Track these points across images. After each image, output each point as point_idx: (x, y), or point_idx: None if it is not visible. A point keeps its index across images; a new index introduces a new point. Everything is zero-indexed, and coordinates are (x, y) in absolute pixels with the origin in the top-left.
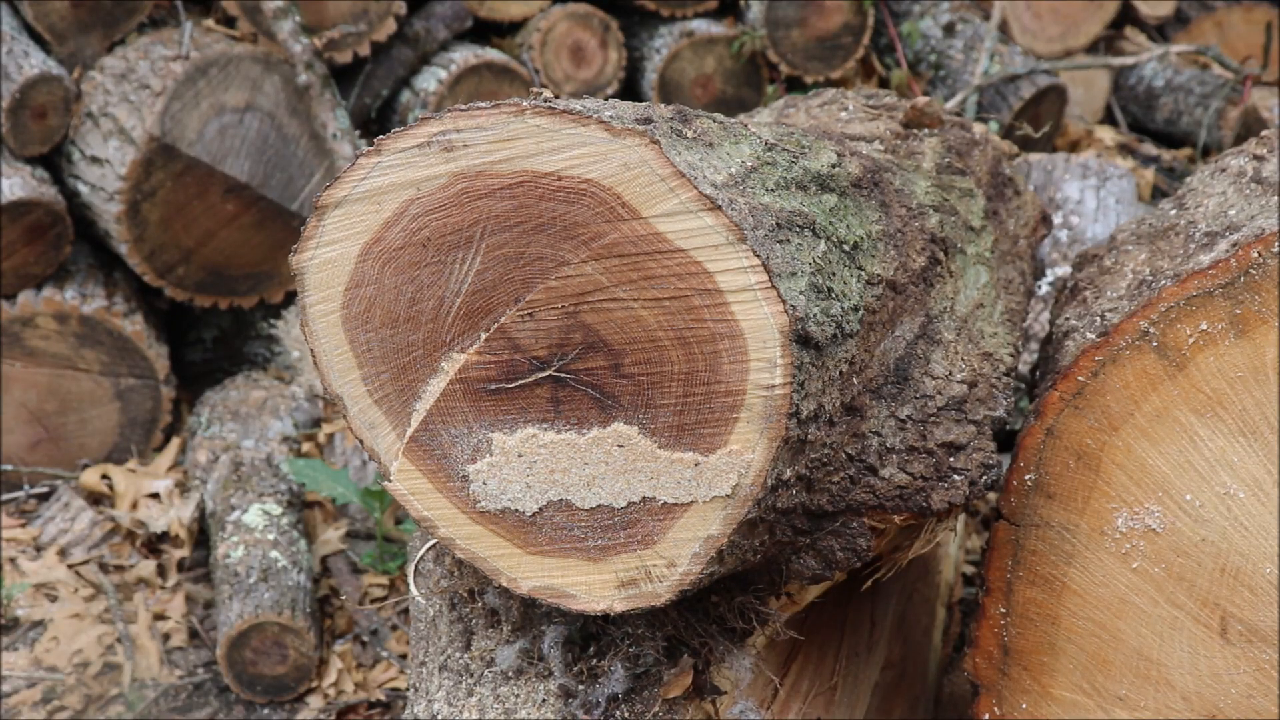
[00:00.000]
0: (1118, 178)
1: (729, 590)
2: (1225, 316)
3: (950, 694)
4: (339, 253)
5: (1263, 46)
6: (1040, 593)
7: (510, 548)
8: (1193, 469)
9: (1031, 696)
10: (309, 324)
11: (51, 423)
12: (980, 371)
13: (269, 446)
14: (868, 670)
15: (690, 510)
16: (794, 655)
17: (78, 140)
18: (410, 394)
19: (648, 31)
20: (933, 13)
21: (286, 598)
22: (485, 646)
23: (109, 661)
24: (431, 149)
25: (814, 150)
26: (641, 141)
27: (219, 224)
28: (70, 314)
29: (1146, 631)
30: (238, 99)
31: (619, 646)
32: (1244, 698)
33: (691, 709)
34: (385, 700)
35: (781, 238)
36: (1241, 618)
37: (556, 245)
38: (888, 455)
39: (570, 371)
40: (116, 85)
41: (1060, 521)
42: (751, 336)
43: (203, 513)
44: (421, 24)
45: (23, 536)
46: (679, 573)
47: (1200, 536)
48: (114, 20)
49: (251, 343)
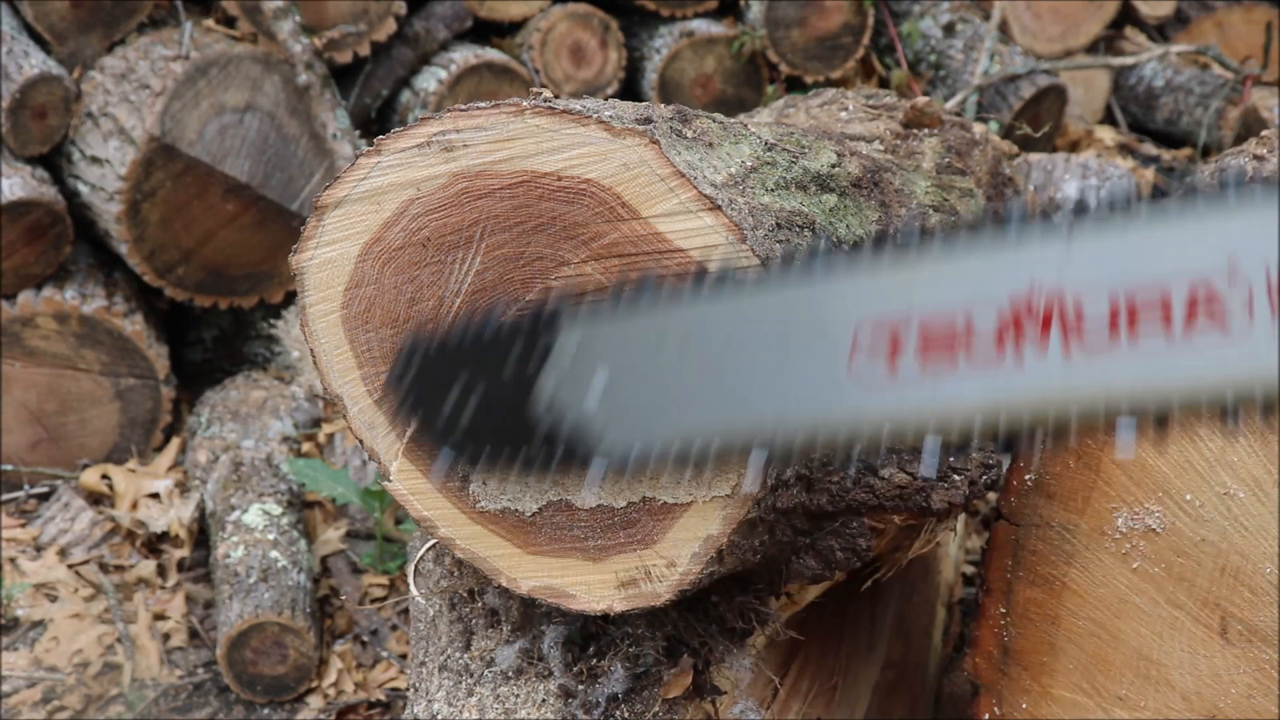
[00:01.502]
0: (1118, 178)
1: (729, 590)
2: None
3: (950, 694)
4: (339, 253)
5: (1263, 46)
6: (1040, 593)
7: (510, 548)
8: (1193, 469)
9: (1031, 696)
10: (309, 324)
11: (51, 423)
12: None
13: (269, 446)
14: (868, 670)
15: (690, 510)
16: (794, 655)
17: (78, 140)
18: None
19: (648, 31)
20: (933, 13)
21: (286, 598)
22: (485, 646)
23: (109, 661)
24: (431, 149)
25: (814, 150)
26: (641, 141)
27: (219, 224)
28: (70, 314)
29: (1146, 631)
30: (238, 99)
31: (619, 646)
32: (1244, 698)
33: (691, 709)
34: (385, 700)
35: (781, 238)
36: (1241, 618)
37: (556, 245)
38: (887, 455)
39: None
40: (116, 85)
41: (1060, 521)
42: None
43: (203, 513)
44: (421, 24)
45: (23, 536)
46: (679, 573)
47: (1200, 536)
48: (114, 20)
49: (251, 343)
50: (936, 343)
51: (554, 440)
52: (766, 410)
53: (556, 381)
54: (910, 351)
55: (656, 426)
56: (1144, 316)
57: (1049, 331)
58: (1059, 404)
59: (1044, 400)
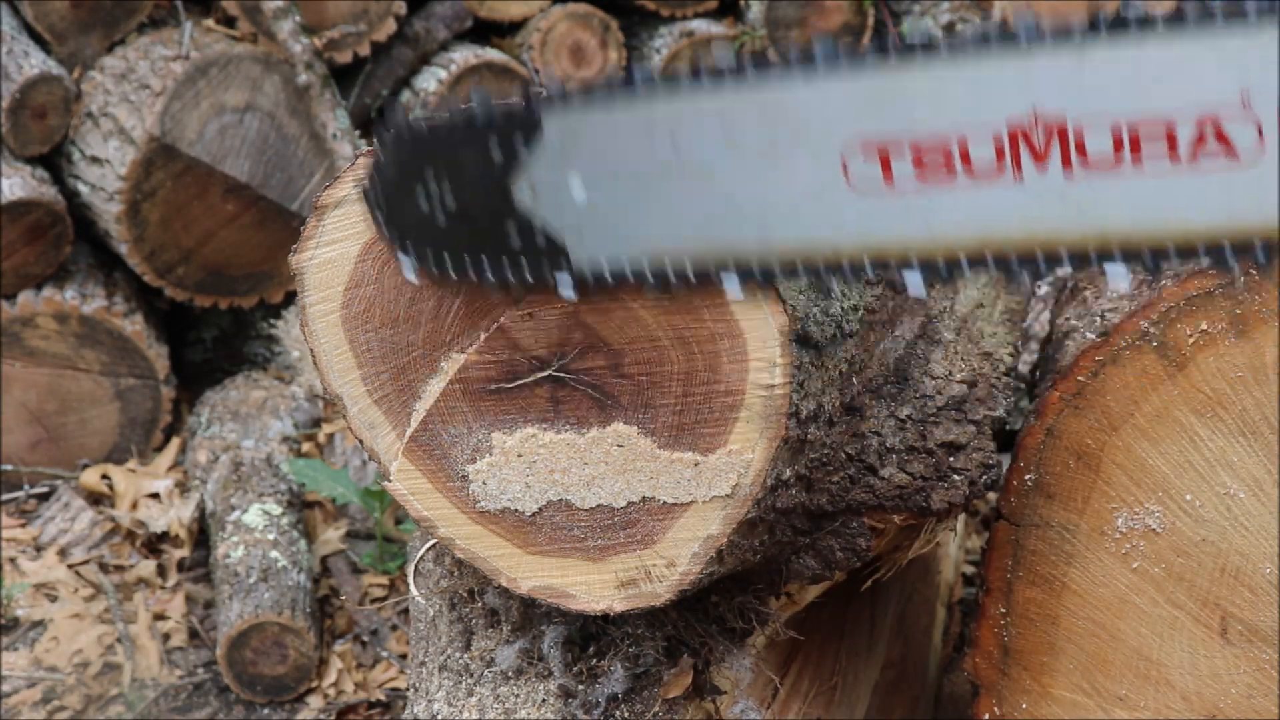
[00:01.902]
0: None
1: (729, 590)
2: (1225, 316)
3: (950, 694)
4: (339, 253)
5: None
6: (1040, 593)
7: (510, 548)
8: (1193, 469)
9: (1031, 696)
10: (309, 324)
11: (51, 423)
12: (980, 371)
13: (269, 446)
14: (868, 670)
15: (690, 510)
16: (794, 655)
17: (78, 140)
18: (410, 394)
19: (648, 31)
20: (933, 13)
21: (286, 598)
22: (485, 646)
23: (109, 661)
24: None
25: None
26: None
27: (219, 224)
28: (70, 314)
29: (1146, 631)
30: (238, 99)
31: (619, 646)
32: (1244, 698)
33: (691, 709)
34: (385, 700)
35: None
36: (1241, 618)
37: None
38: (887, 455)
39: (570, 371)
40: (116, 85)
41: (1060, 521)
42: (751, 336)
43: (203, 513)
44: (421, 24)
45: (23, 536)
46: (679, 572)
47: (1200, 536)
48: (114, 20)
49: (251, 343)
50: (934, 153)
51: (528, 246)
52: (751, 219)
53: (533, 180)
54: (905, 162)
55: (634, 234)
56: (1149, 141)
57: (1051, 148)
58: (1056, 228)
59: (1041, 222)
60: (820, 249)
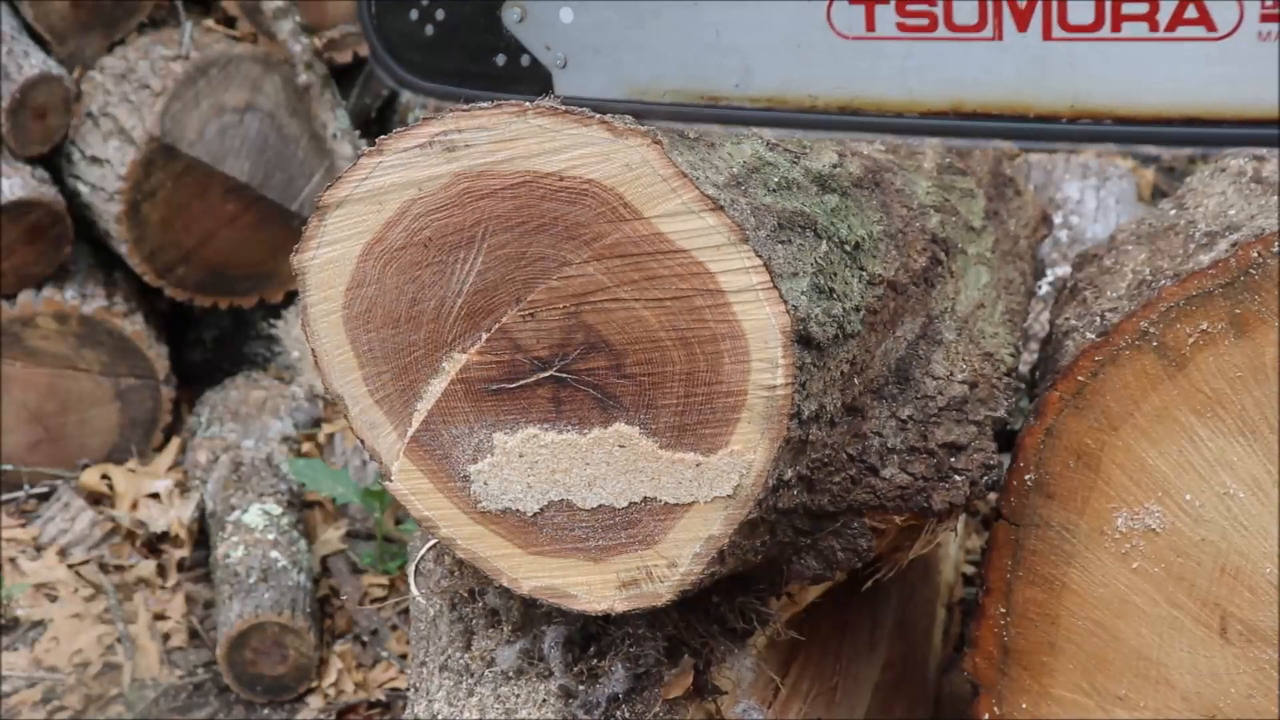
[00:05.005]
0: (1118, 178)
1: (730, 590)
2: (1225, 316)
3: (950, 694)
4: (340, 252)
5: None
6: (1040, 593)
7: (511, 548)
8: (1192, 469)
9: (1031, 696)
10: (310, 324)
11: (51, 423)
12: (981, 372)
13: (269, 446)
14: (868, 670)
15: (691, 510)
16: (795, 655)
17: (78, 140)
18: (411, 394)
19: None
20: None
21: (286, 598)
22: (485, 646)
23: (109, 661)
24: (433, 149)
25: (815, 150)
26: (644, 142)
27: (219, 224)
28: (70, 314)
29: (1146, 631)
30: (238, 99)
31: (619, 647)
32: (1244, 698)
33: (692, 709)
34: (385, 700)
35: (783, 238)
36: (1241, 618)
37: (558, 245)
38: (889, 455)
39: (572, 372)
40: (116, 85)
41: (1060, 521)
42: (753, 337)
43: (203, 513)
44: None
45: (23, 536)
46: (680, 573)
47: (1200, 536)
48: (114, 20)
49: (251, 343)
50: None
51: (512, 66)
52: (733, 56)
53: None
54: (889, 7)
55: (618, 65)
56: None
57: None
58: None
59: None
60: (798, 95)
